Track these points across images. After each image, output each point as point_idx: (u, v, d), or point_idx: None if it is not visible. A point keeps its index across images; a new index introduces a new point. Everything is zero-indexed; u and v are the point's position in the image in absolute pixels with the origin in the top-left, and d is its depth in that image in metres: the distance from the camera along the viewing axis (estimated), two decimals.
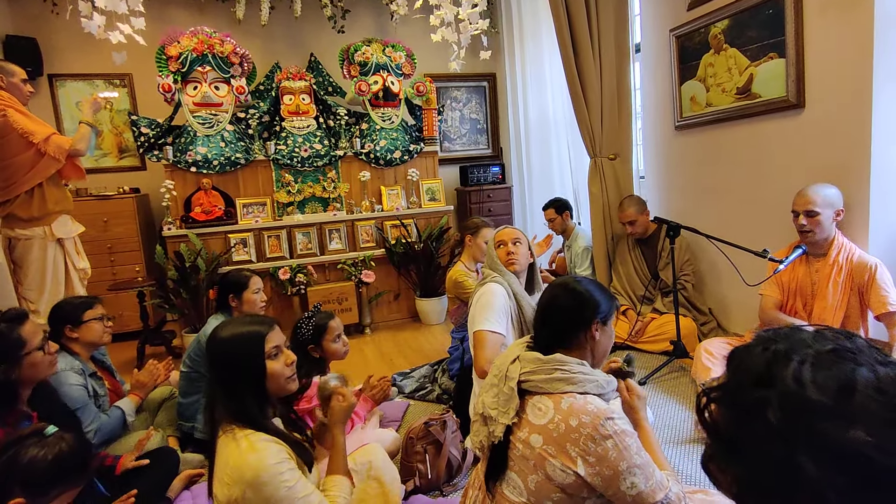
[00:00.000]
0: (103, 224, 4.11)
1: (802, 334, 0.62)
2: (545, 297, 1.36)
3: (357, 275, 4.10)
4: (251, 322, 1.35)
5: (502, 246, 2.13)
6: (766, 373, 0.59)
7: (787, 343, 0.60)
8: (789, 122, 2.70)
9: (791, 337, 0.62)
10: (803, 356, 0.58)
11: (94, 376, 2.08)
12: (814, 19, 2.50)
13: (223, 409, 1.26)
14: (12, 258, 2.69)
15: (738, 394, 0.61)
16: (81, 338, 2.04)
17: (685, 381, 2.69)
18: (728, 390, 0.63)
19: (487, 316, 1.97)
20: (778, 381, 0.57)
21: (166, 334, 3.94)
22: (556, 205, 3.86)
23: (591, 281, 1.37)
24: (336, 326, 2.11)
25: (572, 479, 1.13)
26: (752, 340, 0.65)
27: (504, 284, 2.05)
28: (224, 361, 1.29)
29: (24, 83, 2.73)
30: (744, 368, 0.62)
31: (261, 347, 1.30)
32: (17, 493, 1.15)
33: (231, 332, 1.31)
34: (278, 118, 4.28)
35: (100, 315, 2.10)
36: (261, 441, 1.20)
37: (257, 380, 1.30)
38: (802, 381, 0.55)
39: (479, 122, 5.64)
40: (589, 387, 1.20)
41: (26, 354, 1.58)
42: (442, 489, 1.97)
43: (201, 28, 3.98)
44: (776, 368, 0.58)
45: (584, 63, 3.47)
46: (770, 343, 0.62)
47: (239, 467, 1.16)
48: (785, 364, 0.58)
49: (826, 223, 2.25)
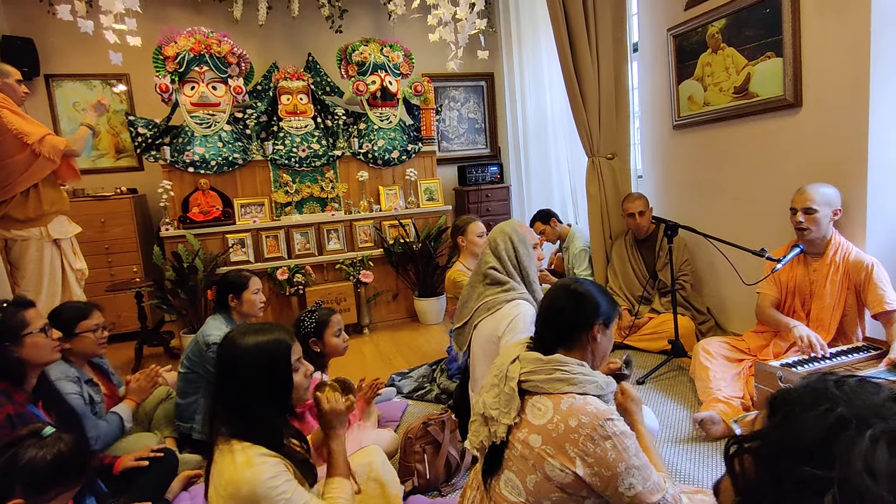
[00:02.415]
0: (100, 225, 4.10)
1: (873, 395, 0.50)
2: (547, 298, 1.36)
3: (355, 275, 4.10)
4: (271, 329, 1.28)
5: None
6: (825, 445, 0.47)
7: (854, 407, 0.49)
8: (787, 122, 2.70)
9: (859, 397, 0.50)
10: (877, 432, 0.46)
11: (90, 383, 2.06)
12: (811, 18, 2.51)
13: (233, 425, 1.20)
14: (9, 259, 2.68)
15: (785, 463, 0.50)
16: (74, 349, 2.02)
17: (683, 381, 2.69)
18: (772, 452, 0.52)
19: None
20: (841, 464, 0.46)
21: (164, 335, 3.93)
22: (539, 217, 3.87)
23: (592, 283, 1.37)
24: (337, 321, 2.13)
25: (571, 479, 1.13)
26: (806, 390, 0.54)
27: (533, 305, 2.02)
28: (248, 373, 1.21)
29: (19, 84, 2.72)
30: (794, 431, 0.51)
31: (289, 358, 1.25)
32: (17, 494, 1.15)
33: (255, 340, 1.23)
34: (276, 118, 4.27)
35: (94, 326, 2.06)
36: (257, 456, 1.17)
37: (285, 393, 1.25)
38: (875, 471, 0.44)
39: (477, 121, 5.64)
40: (589, 387, 1.21)
41: (27, 335, 1.65)
42: (440, 489, 1.97)
43: (198, 28, 3.97)
44: (840, 445, 0.47)
45: (582, 63, 3.47)
46: (832, 402, 0.50)
47: (235, 482, 1.14)
48: (852, 441, 0.46)
49: (823, 221, 2.26)
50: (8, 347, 1.62)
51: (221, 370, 1.25)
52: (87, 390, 2.00)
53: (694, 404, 2.41)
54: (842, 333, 2.30)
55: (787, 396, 0.55)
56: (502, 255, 2.05)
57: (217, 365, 1.27)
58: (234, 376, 1.23)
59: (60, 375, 1.92)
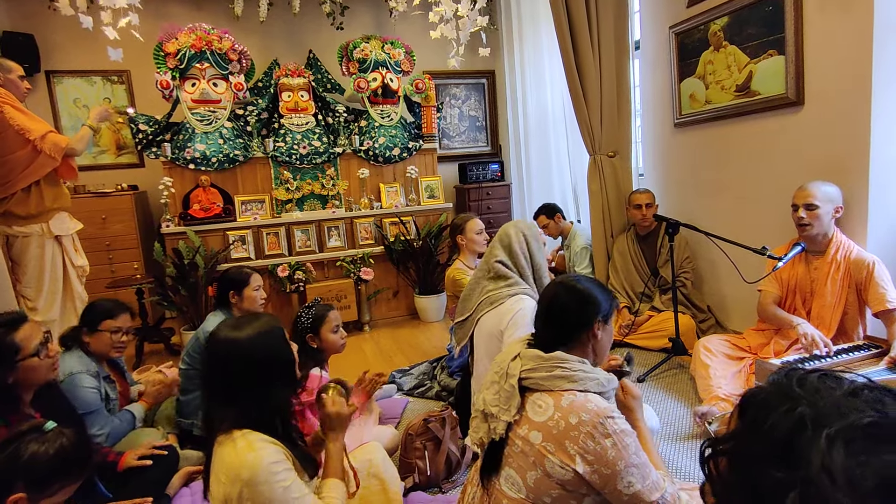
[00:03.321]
0: (101, 221, 4.10)
1: (834, 391, 0.50)
2: (547, 297, 1.35)
3: (356, 272, 4.10)
4: (260, 316, 1.33)
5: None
6: (789, 446, 0.48)
7: (815, 406, 0.49)
8: (788, 120, 2.70)
9: (819, 394, 0.50)
10: (835, 431, 0.46)
11: (108, 379, 2.08)
12: (814, 16, 2.50)
13: (237, 417, 1.20)
14: (10, 255, 2.68)
15: (754, 465, 0.51)
16: (92, 345, 2.04)
17: (684, 378, 2.69)
18: (742, 453, 0.53)
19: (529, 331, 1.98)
20: (803, 464, 0.46)
21: (165, 332, 3.94)
22: (545, 210, 3.85)
23: (590, 279, 1.37)
24: (335, 318, 2.12)
25: (571, 476, 1.13)
26: (771, 389, 0.54)
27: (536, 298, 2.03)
28: (254, 361, 1.23)
29: (21, 79, 2.72)
30: (762, 432, 0.51)
31: (286, 339, 1.32)
32: (19, 489, 1.15)
33: (251, 331, 1.26)
34: (277, 115, 4.27)
35: (115, 327, 2.06)
36: (259, 441, 1.19)
37: (291, 372, 1.31)
38: (832, 471, 0.44)
39: (478, 119, 5.64)
40: (590, 385, 1.21)
41: (21, 360, 1.55)
42: (441, 486, 1.97)
43: (199, 24, 3.97)
44: (801, 443, 0.47)
45: (584, 60, 3.47)
46: (793, 402, 0.51)
47: (236, 466, 1.15)
48: (812, 439, 0.47)
49: (825, 218, 2.26)
50: (1, 375, 1.50)
51: (222, 368, 1.24)
52: (104, 386, 2.02)
53: (694, 402, 2.41)
54: (843, 332, 2.30)
55: (754, 396, 0.55)
56: (514, 248, 2.04)
57: (216, 364, 1.26)
58: (240, 369, 1.23)
59: (82, 369, 1.94)
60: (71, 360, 1.96)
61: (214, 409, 1.24)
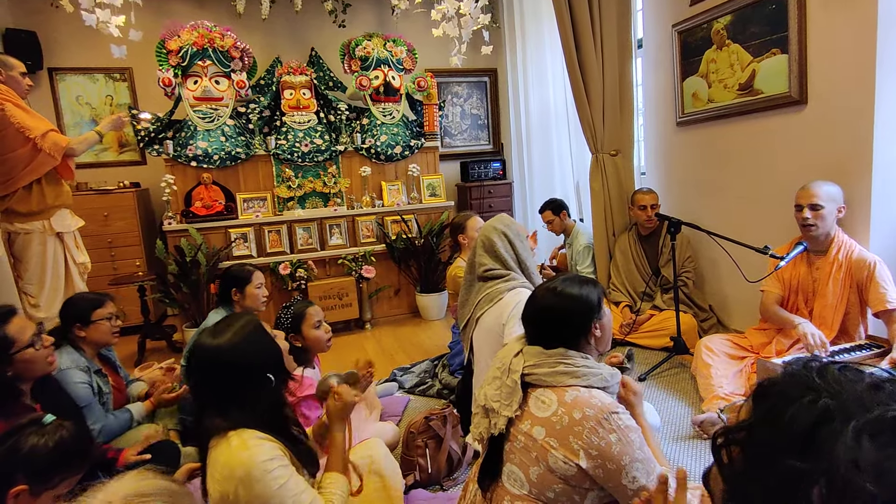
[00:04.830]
0: (103, 218, 4.11)
1: (856, 383, 0.49)
2: (538, 307, 1.32)
3: (357, 270, 4.10)
4: (237, 318, 1.31)
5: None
6: (810, 437, 0.47)
7: (838, 397, 0.48)
8: (791, 119, 2.69)
9: (841, 386, 0.49)
10: (861, 424, 0.45)
11: (99, 373, 2.07)
12: (817, 15, 2.49)
13: (231, 418, 1.20)
14: (12, 252, 2.69)
15: (772, 454, 0.49)
16: (89, 337, 2.03)
17: (685, 378, 2.69)
18: (758, 443, 0.52)
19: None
20: (827, 456, 0.45)
21: (167, 329, 3.95)
22: (552, 206, 3.84)
23: (573, 280, 1.32)
24: (314, 313, 2.07)
25: (574, 471, 1.13)
26: (789, 378, 0.53)
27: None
28: (238, 365, 1.22)
29: (23, 77, 2.72)
30: (780, 422, 0.50)
31: (266, 333, 1.33)
32: (20, 482, 1.15)
33: (231, 334, 1.24)
34: (279, 113, 4.27)
35: (108, 314, 2.07)
36: (253, 438, 1.18)
37: (280, 364, 1.31)
38: (860, 464, 0.43)
39: (480, 117, 5.63)
40: (593, 380, 1.21)
41: (16, 353, 1.55)
42: (442, 483, 1.98)
43: (202, 22, 3.97)
44: (824, 436, 0.46)
45: (586, 59, 3.46)
46: (815, 393, 0.49)
47: (230, 464, 1.15)
48: (836, 432, 0.45)
49: (829, 218, 2.25)
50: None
51: (209, 377, 1.24)
52: (96, 380, 2.01)
53: (695, 401, 2.40)
54: (844, 331, 2.29)
55: (771, 387, 0.54)
56: (500, 254, 2.03)
57: (202, 375, 1.25)
58: (227, 376, 1.22)
59: (71, 364, 1.93)
60: (60, 357, 1.94)
61: (208, 418, 1.23)
